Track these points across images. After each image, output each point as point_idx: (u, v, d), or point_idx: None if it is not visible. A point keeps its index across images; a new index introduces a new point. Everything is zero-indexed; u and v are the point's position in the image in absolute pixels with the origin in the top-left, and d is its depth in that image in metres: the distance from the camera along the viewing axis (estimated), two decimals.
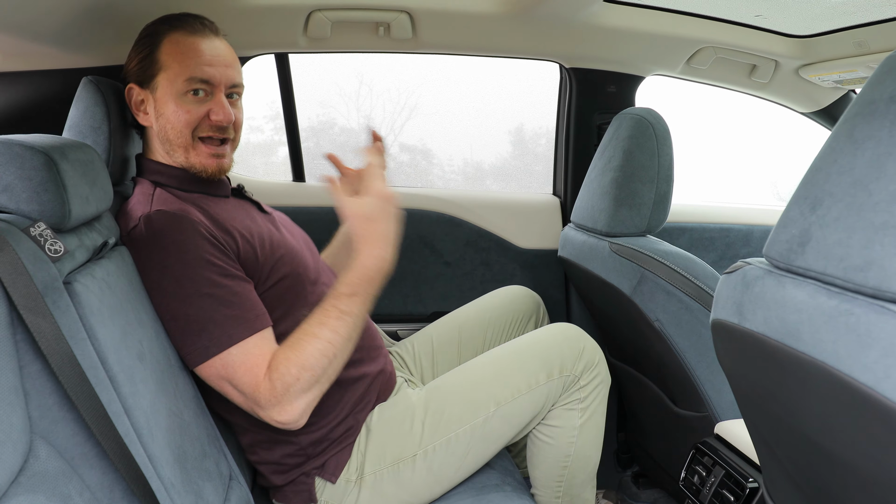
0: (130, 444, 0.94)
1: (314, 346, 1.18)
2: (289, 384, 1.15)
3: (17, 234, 0.89)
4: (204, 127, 1.32)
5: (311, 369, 1.17)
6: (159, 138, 1.34)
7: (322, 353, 1.18)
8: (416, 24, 1.88)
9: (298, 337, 1.20)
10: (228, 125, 1.34)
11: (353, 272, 1.23)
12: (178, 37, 1.31)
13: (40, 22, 1.32)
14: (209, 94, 1.32)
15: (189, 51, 1.30)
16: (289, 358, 1.17)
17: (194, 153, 1.33)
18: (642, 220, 1.66)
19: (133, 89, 1.35)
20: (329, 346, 1.19)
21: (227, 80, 1.33)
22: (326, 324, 1.20)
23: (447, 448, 1.35)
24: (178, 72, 1.29)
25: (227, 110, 1.32)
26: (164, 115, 1.31)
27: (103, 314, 0.99)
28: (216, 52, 1.33)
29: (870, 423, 0.66)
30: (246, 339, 1.17)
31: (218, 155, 1.34)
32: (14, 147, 0.97)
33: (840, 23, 1.91)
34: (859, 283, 0.66)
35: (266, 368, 1.16)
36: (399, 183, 2.80)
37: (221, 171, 1.36)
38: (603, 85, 2.16)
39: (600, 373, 1.45)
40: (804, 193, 0.76)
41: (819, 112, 2.35)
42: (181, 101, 1.30)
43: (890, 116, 0.66)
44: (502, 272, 2.25)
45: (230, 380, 1.17)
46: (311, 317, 1.22)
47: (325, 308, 1.22)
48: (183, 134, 1.31)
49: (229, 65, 1.34)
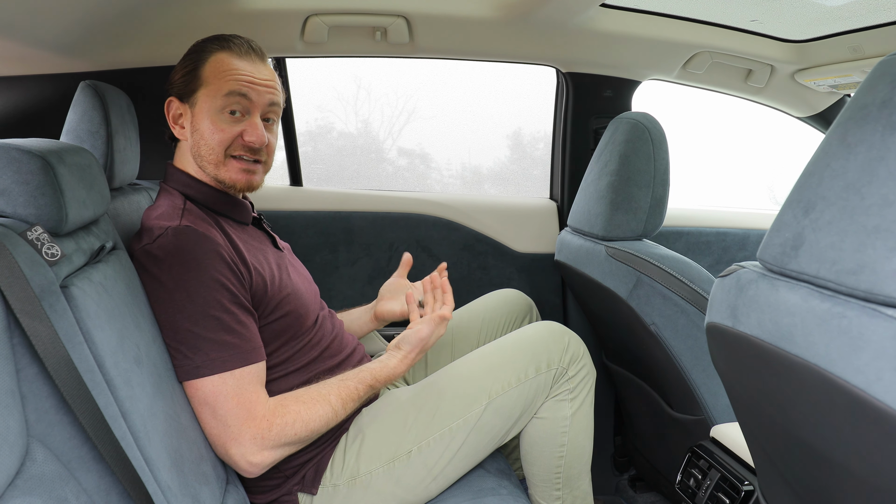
0: (127, 447, 0.94)
1: (323, 412, 1.25)
2: (285, 434, 1.20)
3: (14, 238, 0.90)
4: (236, 146, 1.34)
5: (311, 431, 1.24)
6: (192, 152, 1.36)
7: (325, 421, 1.25)
8: (413, 28, 1.89)
9: (313, 397, 1.26)
10: (261, 147, 1.36)
11: (384, 372, 1.37)
12: (224, 56, 1.33)
13: (39, 27, 1.32)
14: (245, 116, 1.34)
15: (232, 69, 1.32)
16: (298, 412, 1.22)
17: (224, 168, 1.35)
18: (638, 224, 1.67)
19: (173, 102, 1.37)
20: (334, 418, 1.27)
21: (265, 102, 1.35)
22: (343, 399, 1.29)
23: (441, 442, 1.36)
24: (218, 87, 1.31)
25: (260, 132, 1.34)
26: (199, 130, 1.33)
27: (100, 318, 0.99)
28: (258, 73, 1.35)
29: (862, 425, 0.66)
30: (238, 370, 1.18)
31: (249, 171, 1.36)
32: (11, 151, 0.97)
33: (835, 28, 1.92)
34: (852, 286, 0.66)
35: (264, 408, 1.20)
36: (396, 187, 2.81)
37: (251, 186, 1.38)
38: (599, 89, 2.17)
39: (586, 364, 1.49)
40: (797, 197, 0.77)
41: (814, 116, 2.36)
42: (217, 119, 1.32)
43: (882, 121, 0.67)
44: (499, 276, 2.25)
45: (215, 407, 1.17)
46: (328, 382, 1.30)
47: (348, 385, 1.31)
48: (215, 151, 1.33)
49: (270, 88, 1.36)
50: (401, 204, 2.16)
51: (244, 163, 1.35)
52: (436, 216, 2.20)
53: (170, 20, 1.65)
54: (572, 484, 1.52)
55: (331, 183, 2.40)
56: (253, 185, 1.39)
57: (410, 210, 2.18)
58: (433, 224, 2.20)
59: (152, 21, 1.62)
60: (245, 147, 1.34)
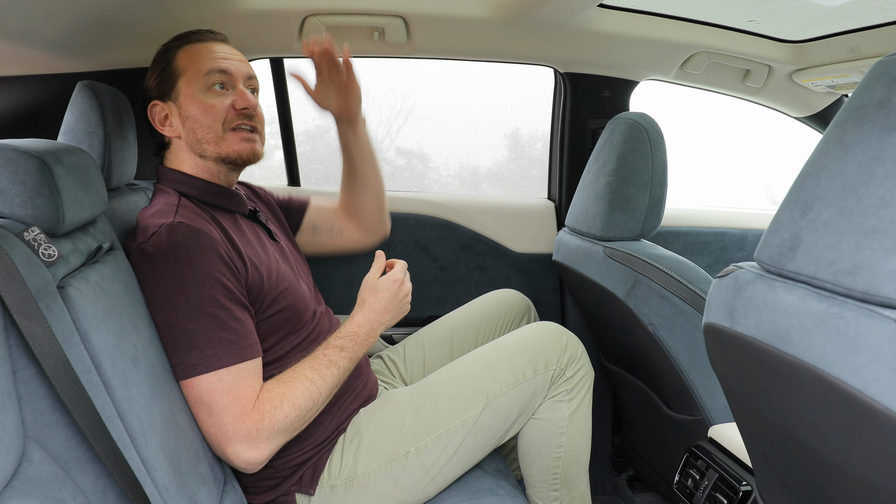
0: (124, 448, 0.94)
1: (305, 387, 1.23)
2: (276, 419, 1.19)
3: (11, 239, 0.89)
4: (231, 117, 1.37)
5: (299, 409, 1.22)
6: (188, 143, 1.38)
7: (310, 396, 1.23)
8: (411, 29, 1.89)
9: (290, 375, 1.25)
10: (254, 111, 1.39)
11: (345, 328, 1.35)
12: (192, 45, 1.39)
13: (36, 27, 1.32)
14: (229, 87, 1.38)
15: (203, 52, 1.38)
16: (283, 393, 1.21)
17: (225, 143, 1.37)
18: (636, 225, 1.67)
19: (156, 105, 1.40)
20: (316, 391, 1.25)
21: (244, 73, 1.40)
22: (317, 369, 1.27)
23: (439, 443, 1.36)
24: (196, 70, 1.36)
25: (249, 97, 1.38)
26: (191, 115, 1.36)
27: (97, 318, 0.99)
28: (228, 50, 1.41)
29: (859, 426, 0.66)
30: (234, 366, 1.18)
31: (250, 140, 1.40)
32: (8, 152, 0.97)
33: (832, 28, 1.92)
34: (849, 286, 0.66)
35: (255, 400, 1.18)
36: (395, 187, 2.80)
37: (255, 155, 1.41)
38: (597, 90, 2.17)
39: (584, 364, 1.49)
40: (795, 198, 0.77)
41: (812, 117, 2.36)
42: (205, 97, 1.36)
43: (879, 121, 0.67)
44: (497, 276, 2.25)
45: (211, 405, 1.17)
46: (301, 361, 1.28)
47: (316, 355, 1.29)
48: (212, 128, 1.36)
49: (242, 60, 1.42)
50: (399, 204, 2.16)
51: (244, 132, 1.39)
52: (434, 216, 2.20)
53: (167, 20, 1.64)
54: (570, 484, 1.52)
55: (329, 183, 2.40)
56: (256, 154, 1.42)
57: (408, 210, 2.18)
58: (431, 224, 2.19)
59: (150, 21, 1.61)
60: (240, 115, 1.37)
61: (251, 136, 1.39)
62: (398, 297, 1.41)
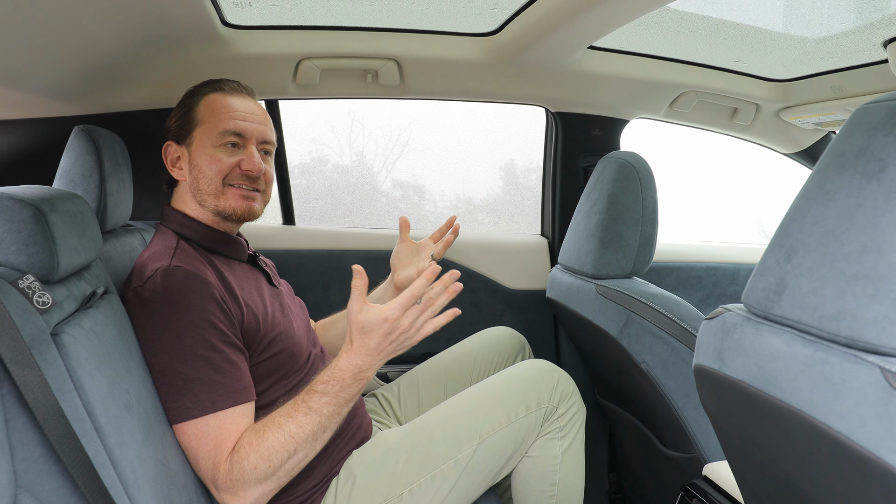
0: (116, 495, 0.93)
1: (276, 437, 1.17)
2: (244, 470, 1.15)
3: (5, 287, 0.90)
4: (234, 175, 1.38)
5: (269, 460, 1.16)
6: (191, 189, 1.39)
7: (283, 446, 1.17)
8: (404, 71, 1.92)
9: (265, 424, 1.20)
10: (259, 175, 1.40)
11: (328, 372, 1.23)
12: (216, 96, 1.40)
13: (35, 73, 1.34)
14: (241, 147, 1.39)
15: (224, 107, 1.38)
16: (251, 443, 1.16)
17: (224, 197, 1.38)
18: (628, 263, 1.68)
19: (170, 146, 1.41)
20: (291, 441, 1.18)
21: (259, 135, 1.41)
22: (293, 417, 1.19)
23: (433, 483, 1.35)
24: (212, 125, 1.37)
25: (256, 161, 1.38)
26: (198, 165, 1.37)
27: (91, 364, 0.99)
28: (249, 109, 1.41)
29: (847, 470, 0.67)
30: (227, 410, 1.17)
31: (248, 198, 1.40)
32: (3, 200, 0.98)
33: (818, 67, 1.96)
34: (833, 332, 0.67)
35: (233, 447, 1.17)
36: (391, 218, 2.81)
37: (251, 213, 1.41)
38: (588, 128, 2.20)
39: (576, 401, 1.48)
40: (780, 242, 0.78)
41: (801, 153, 2.39)
42: (214, 152, 1.37)
43: (860, 168, 0.68)
44: (491, 313, 2.25)
45: (196, 450, 1.17)
46: (279, 409, 1.22)
47: (296, 401, 1.22)
48: (213, 181, 1.37)
49: (261, 122, 1.42)
50: (393, 242, 2.16)
51: (243, 190, 1.39)
52: None
53: (163, 65, 1.67)
54: None
55: (324, 221, 2.41)
56: (253, 212, 1.42)
57: None
58: None
59: (146, 66, 1.64)
60: (243, 175, 1.38)
61: (251, 194, 1.40)
62: (391, 337, 1.23)
